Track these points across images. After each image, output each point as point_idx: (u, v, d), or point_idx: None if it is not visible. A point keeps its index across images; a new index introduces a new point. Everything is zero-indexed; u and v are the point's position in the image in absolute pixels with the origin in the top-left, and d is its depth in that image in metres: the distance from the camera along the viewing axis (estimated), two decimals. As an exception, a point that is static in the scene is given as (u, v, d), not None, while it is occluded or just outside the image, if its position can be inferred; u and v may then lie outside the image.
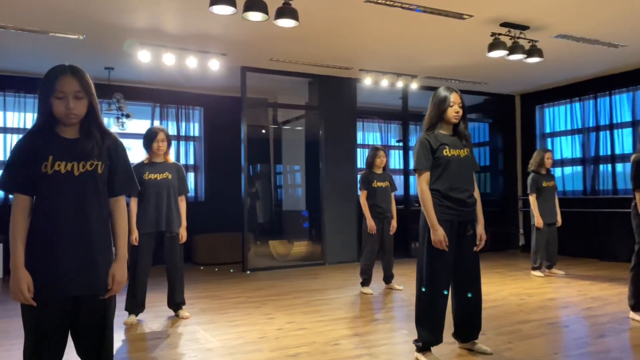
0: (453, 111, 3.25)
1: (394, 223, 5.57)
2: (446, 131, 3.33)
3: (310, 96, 8.18)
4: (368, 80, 7.61)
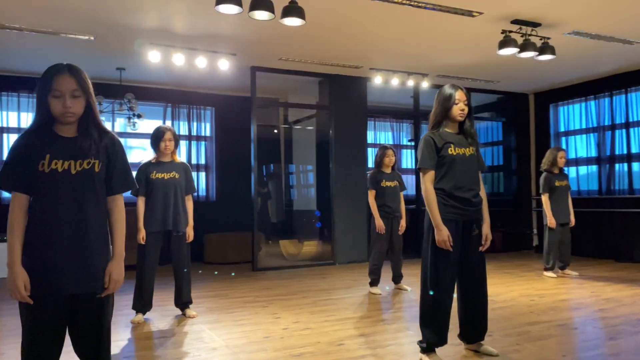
0: (458, 109, 3.21)
1: (403, 223, 5.52)
2: (451, 129, 3.28)
3: (320, 95, 8.15)
4: (378, 79, 7.57)
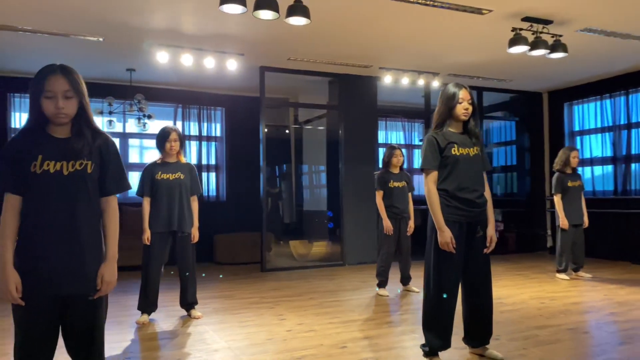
0: (462, 108, 3.15)
1: (412, 224, 5.45)
2: (455, 129, 3.22)
3: (330, 95, 8.11)
4: (388, 78, 7.50)
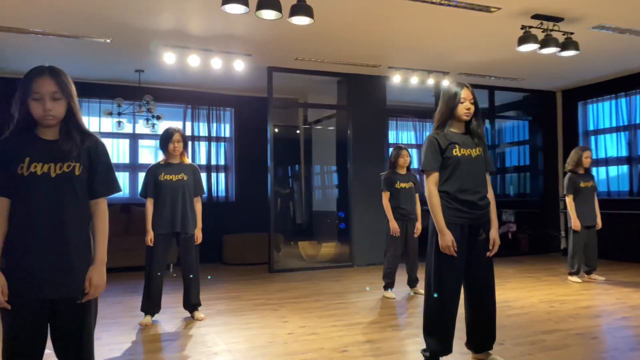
0: (464, 108, 3.07)
1: (419, 225, 5.38)
2: (457, 129, 3.14)
3: (339, 95, 8.05)
4: (397, 77, 7.43)
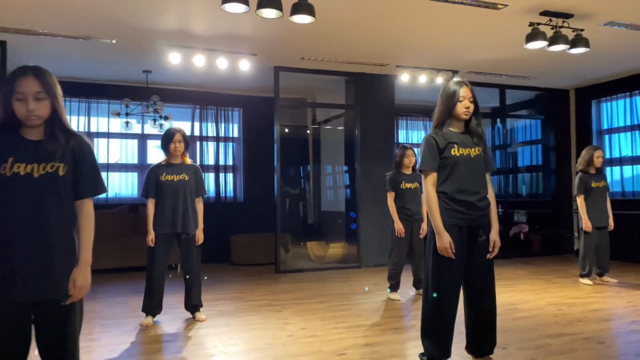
0: (463, 107, 3.00)
1: (425, 226, 5.29)
2: (456, 128, 3.07)
3: (347, 94, 7.98)
4: (405, 76, 7.35)
